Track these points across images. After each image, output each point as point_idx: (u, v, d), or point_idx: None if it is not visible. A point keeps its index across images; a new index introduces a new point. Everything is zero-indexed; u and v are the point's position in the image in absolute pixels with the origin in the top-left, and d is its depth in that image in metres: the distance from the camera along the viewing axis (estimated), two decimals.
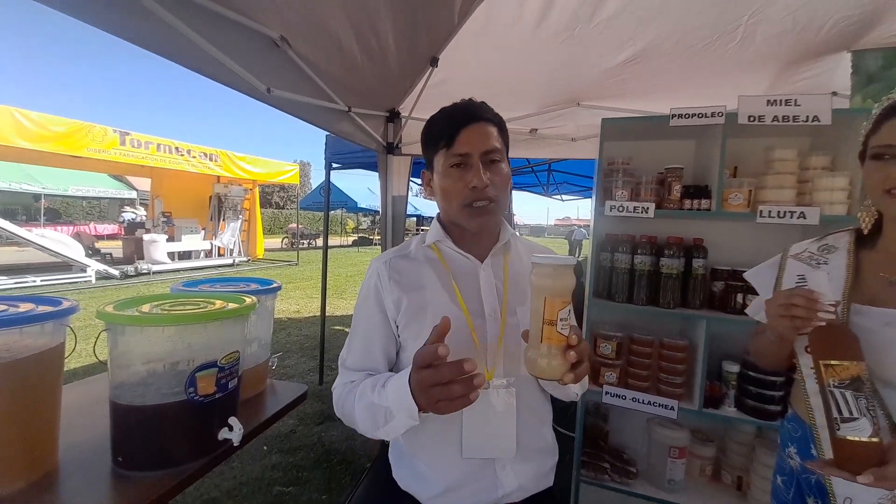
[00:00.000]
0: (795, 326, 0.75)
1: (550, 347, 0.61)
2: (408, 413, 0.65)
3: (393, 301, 0.80)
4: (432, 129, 0.80)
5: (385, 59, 1.75)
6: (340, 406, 0.81)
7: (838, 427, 0.67)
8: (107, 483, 0.82)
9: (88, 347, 3.25)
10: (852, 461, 0.65)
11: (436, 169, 0.80)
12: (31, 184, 10.92)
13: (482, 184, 0.74)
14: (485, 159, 0.76)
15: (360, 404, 0.74)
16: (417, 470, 0.80)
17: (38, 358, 0.80)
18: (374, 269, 0.85)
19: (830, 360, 0.70)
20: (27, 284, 6.75)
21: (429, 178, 0.85)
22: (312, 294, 6.99)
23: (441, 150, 0.77)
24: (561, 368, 0.61)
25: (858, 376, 0.68)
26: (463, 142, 0.75)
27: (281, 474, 2.21)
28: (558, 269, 0.61)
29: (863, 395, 0.67)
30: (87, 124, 6.57)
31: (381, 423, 0.71)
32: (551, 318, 0.60)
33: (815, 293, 0.74)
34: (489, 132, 0.77)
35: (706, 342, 1.54)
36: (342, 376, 0.84)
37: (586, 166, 5.12)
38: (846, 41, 1.70)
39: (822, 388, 0.70)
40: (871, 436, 0.65)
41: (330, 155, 3.49)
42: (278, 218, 29.34)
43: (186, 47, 1.16)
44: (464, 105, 0.79)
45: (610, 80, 2.05)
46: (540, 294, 0.61)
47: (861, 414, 0.66)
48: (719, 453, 1.75)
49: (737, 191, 1.52)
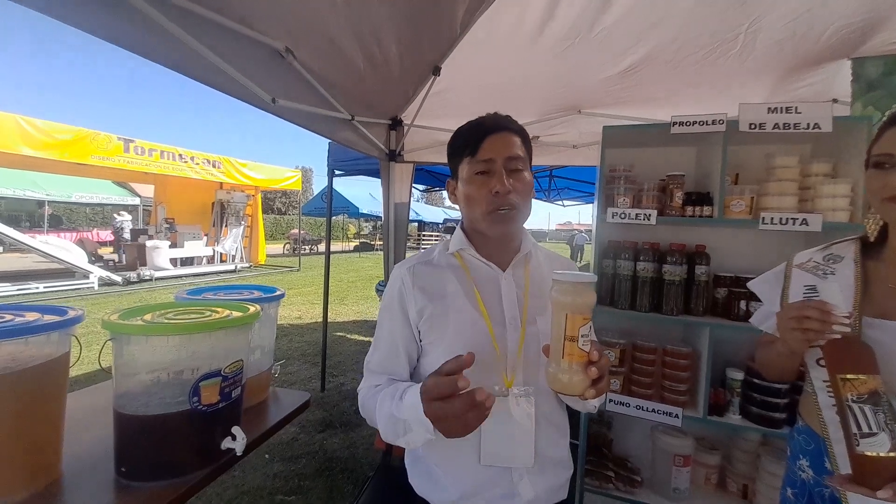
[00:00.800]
0: (808, 339, 0.74)
1: (572, 364, 0.61)
2: (424, 428, 0.66)
3: (416, 308, 0.81)
4: (458, 139, 0.82)
5: (388, 68, 1.77)
6: (365, 409, 0.83)
7: (857, 443, 0.66)
8: (110, 493, 0.82)
9: (92, 355, 3.26)
10: (872, 476, 0.64)
11: (460, 177, 0.82)
12: (34, 190, 10.99)
13: (505, 189, 0.75)
14: (508, 167, 0.77)
15: (381, 413, 0.76)
16: (433, 475, 0.80)
17: (44, 367, 0.81)
18: (397, 274, 0.86)
19: (847, 374, 0.69)
20: (30, 291, 6.77)
21: (454, 186, 0.87)
22: (314, 300, 6.98)
23: (466, 158, 0.79)
24: (582, 384, 0.61)
25: (876, 390, 0.67)
26: (487, 149, 0.77)
27: (282, 483, 2.20)
28: (580, 286, 0.61)
29: (881, 410, 0.66)
30: (91, 132, 6.63)
31: (400, 434, 0.72)
32: (573, 334, 0.60)
33: (828, 305, 0.74)
34: (513, 141, 0.79)
35: (710, 349, 1.53)
36: (367, 379, 0.86)
37: (587, 172, 5.13)
38: (846, 48, 1.71)
39: (840, 402, 0.69)
40: (890, 450, 0.64)
41: (332, 162, 3.51)
42: (280, 224, 29.44)
43: (192, 58, 1.17)
44: (489, 116, 0.82)
45: (611, 89, 2.07)
46: (561, 310, 0.62)
47: (880, 429, 0.65)
48: (724, 461, 1.73)
49: (738, 198, 1.52)
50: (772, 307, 0.93)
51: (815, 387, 0.82)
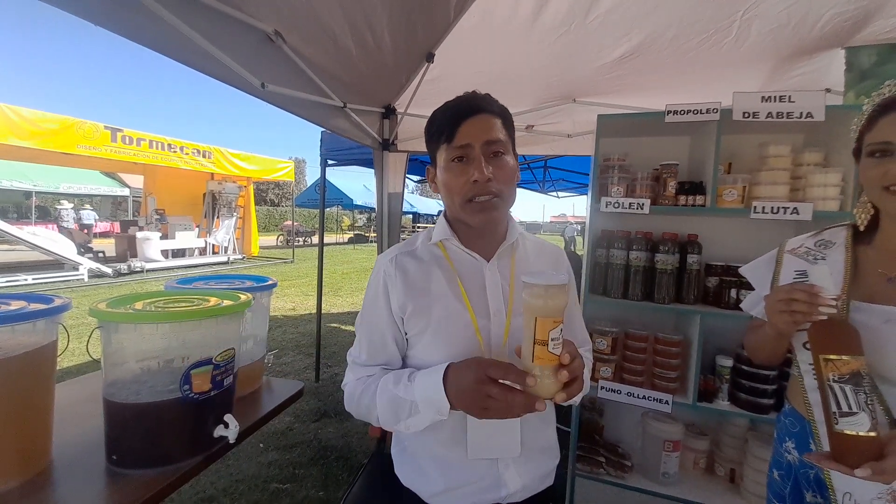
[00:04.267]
0: (795, 321, 0.75)
1: (543, 368, 0.60)
2: (437, 410, 0.66)
3: (398, 302, 0.78)
4: (434, 124, 0.78)
5: (380, 54, 1.74)
6: (356, 400, 0.80)
7: (836, 421, 0.67)
8: (101, 481, 0.82)
9: (82, 346, 3.23)
10: (850, 455, 0.65)
11: (438, 164, 0.78)
12: (21, 181, 10.77)
13: (483, 177, 0.71)
14: (486, 151, 0.73)
15: (382, 398, 0.74)
16: (420, 467, 0.80)
17: (31, 356, 0.80)
18: (380, 266, 0.83)
19: (830, 354, 0.70)
20: (19, 283, 6.67)
21: (433, 174, 0.83)
22: (308, 292, 6.96)
23: (443, 145, 0.75)
24: (553, 387, 0.60)
25: (858, 371, 0.68)
26: (463, 134, 0.73)
27: (277, 471, 2.21)
28: (549, 289, 0.59)
29: (862, 390, 0.67)
30: (77, 120, 6.49)
31: (403, 416, 0.71)
32: (542, 338, 0.59)
33: (815, 287, 0.74)
34: (492, 124, 0.74)
35: (700, 337, 1.55)
36: (355, 372, 0.83)
37: (582, 163, 5.13)
38: (840, 38, 1.71)
39: (822, 382, 0.70)
40: (870, 430, 0.65)
41: (325, 151, 3.46)
42: (273, 215, 29.17)
43: (178, 41, 1.14)
44: (466, 97, 0.77)
45: (606, 77, 2.05)
46: (531, 313, 0.60)
47: (860, 408, 0.66)
48: (713, 446, 1.77)
49: (731, 187, 1.53)
50: (762, 292, 0.93)
51: (801, 370, 0.83)
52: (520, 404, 0.61)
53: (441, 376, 0.67)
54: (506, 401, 0.61)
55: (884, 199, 0.76)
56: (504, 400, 0.61)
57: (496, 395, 0.61)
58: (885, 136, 0.75)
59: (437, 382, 0.67)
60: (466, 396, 0.64)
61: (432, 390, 0.67)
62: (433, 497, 0.78)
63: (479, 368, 0.64)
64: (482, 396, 0.62)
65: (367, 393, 0.77)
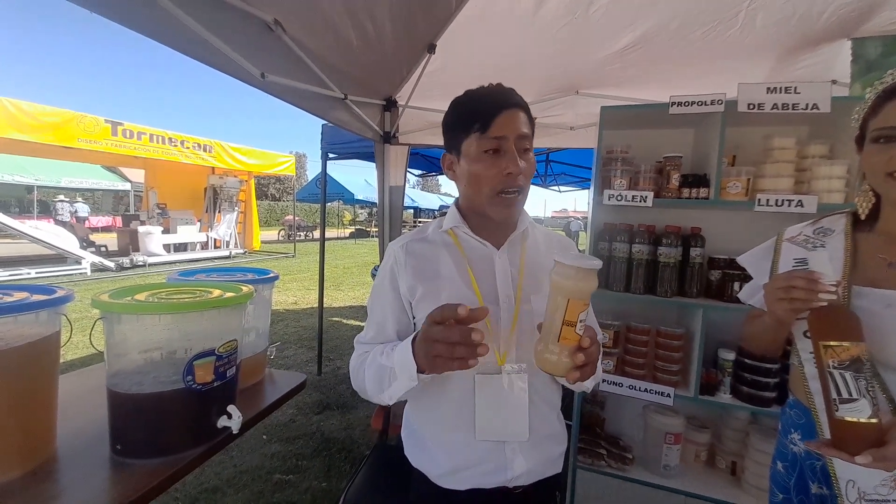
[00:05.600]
0: (795, 308, 0.74)
1: (564, 347, 0.61)
2: (408, 374, 0.67)
3: (408, 285, 0.80)
4: (463, 111, 0.77)
5: (381, 45, 1.72)
6: (354, 374, 0.83)
7: (837, 408, 0.67)
8: (106, 471, 0.82)
9: (86, 339, 3.24)
10: (850, 442, 0.65)
11: (465, 153, 0.77)
12: (23, 175, 10.77)
13: (517, 170, 0.72)
14: (518, 146, 0.74)
15: (370, 369, 0.77)
16: (427, 448, 0.82)
17: (33, 346, 0.80)
18: (391, 251, 0.84)
19: (830, 340, 0.69)
20: (22, 277, 6.70)
21: (451, 161, 0.82)
22: (310, 286, 6.98)
23: (474, 134, 0.74)
24: (567, 366, 0.61)
25: (859, 357, 0.67)
26: (500, 126, 0.72)
27: (280, 462, 2.23)
28: (585, 272, 0.59)
29: (863, 377, 0.66)
30: (77, 114, 6.47)
31: (385, 386, 0.73)
32: (572, 319, 0.60)
33: (815, 274, 0.73)
34: (523, 119, 0.75)
35: (703, 330, 1.55)
36: (357, 350, 0.87)
37: (584, 157, 5.11)
38: (846, 29, 1.69)
39: (822, 370, 0.69)
40: (871, 417, 0.65)
41: (326, 145, 3.45)
42: (274, 210, 29.18)
43: (177, 29, 1.13)
44: (498, 89, 0.77)
45: (609, 68, 2.04)
46: (562, 294, 0.60)
47: (861, 395, 0.66)
48: (714, 439, 1.77)
49: (735, 179, 1.51)
50: (761, 281, 0.92)
51: (802, 358, 0.83)
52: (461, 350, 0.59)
53: (412, 339, 0.68)
54: (446, 340, 0.59)
55: (887, 185, 0.76)
56: (445, 339, 0.60)
57: (437, 335, 0.60)
58: (891, 122, 0.74)
59: (408, 345, 0.67)
60: (420, 347, 0.65)
61: (405, 353, 0.67)
62: (440, 478, 0.79)
63: (429, 317, 0.64)
64: (429, 342, 0.62)
65: (362, 367, 0.80)
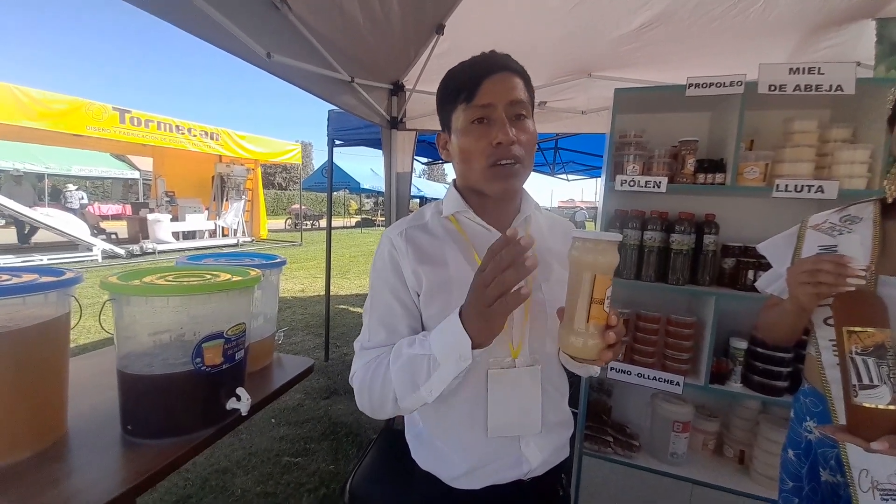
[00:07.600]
0: (820, 293, 0.72)
1: (594, 327, 0.57)
2: (457, 354, 0.59)
3: (412, 271, 0.72)
4: (450, 82, 0.71)
5: (389, 26, 1.68)
6: (367, 385, 0.70)
7: (856, 394, 0.66)
8: (117, 450, 0.83)
9: (97, 324, 3.30)
10: (867, 428, 0.64)
11: (454, 127, 0.71)
12: (34, 163, 10.87)
13: (508, 139, 0.65)
14: (510, 113, 0.67)
15: (396, 365, 0.66)
16: (439, 451, 0.77)
17: (43, 328, 0.80)
18: (386, 239, 0.76)
19: (854, 326, 0.68)
20: (34, 263, 6.82)
21: (445, 140, 0.76)
22: (316, 274, 7.01)
23: (460, 105, 0.68)
24: (598, 348, 0.57)
25: (883, 344, 0.66)
26: (486, 92, 0.66)
27: (289, 446, 2.26)
28: (607, 244, 0.56)
29: (885, 363, 0.65)
30: (86, 101, 6.49)
31: (422, 380, 0.63)
32: (600, 296, 0.56)
33: (845, 258, 0.71)
34: (515, 83, 0.68)
35: (715, 319, 1.52)
36: (363, 358, 0.73)
37: (594, 143, 5.02)
38: (871, 8, 1.61)
39: (843, 355, 0.68)
40: (889, 403, 0.64)
41: (332, 132, 3.42)
42: (281, 199, 29.28)
43: (182, 6, 1.10)
44: (486, 55, 0.70)
45: (623, 49, 1.97)
46: (588, 270, 0.57)
47: (882, 382, 0.64)
48: (722, 428, 1.76)
49: (753, 164, 1.47)
50: (781, 269, 0.90)
51: (820, 346, 0.81)
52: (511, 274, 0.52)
53: (458, 313, 0.60)
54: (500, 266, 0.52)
55: None
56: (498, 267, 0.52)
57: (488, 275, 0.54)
58: None
59: (453, 319, 0.60)
60: (472, 308, 0.57)
61: (450, 331, 0.60)
62: (455, 480, 0.75)
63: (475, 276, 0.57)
64: (480, 293, 0.55)
65: (379, 371, 0.69)
